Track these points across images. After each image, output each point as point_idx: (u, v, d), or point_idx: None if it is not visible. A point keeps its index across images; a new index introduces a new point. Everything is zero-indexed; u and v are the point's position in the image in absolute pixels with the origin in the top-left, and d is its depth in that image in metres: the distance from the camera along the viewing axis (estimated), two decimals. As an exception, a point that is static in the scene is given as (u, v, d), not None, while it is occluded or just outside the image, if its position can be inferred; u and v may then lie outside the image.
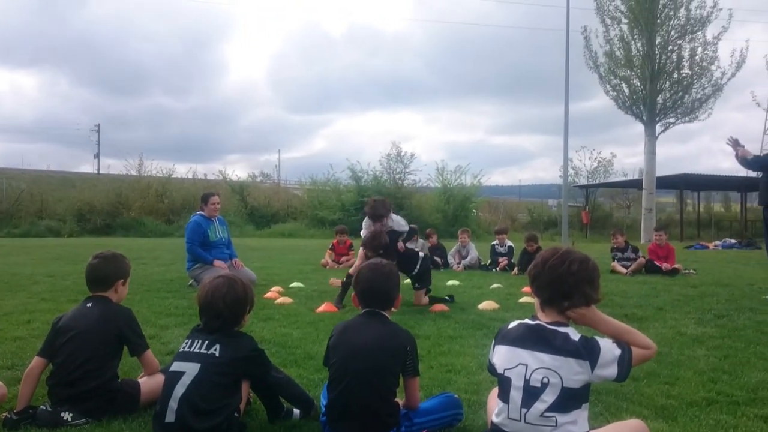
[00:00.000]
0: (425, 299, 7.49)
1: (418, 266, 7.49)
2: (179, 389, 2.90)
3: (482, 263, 12.81)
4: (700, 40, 27.07)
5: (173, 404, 2.88)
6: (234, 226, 30.29)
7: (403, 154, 34.60)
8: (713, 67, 27.07)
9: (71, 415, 3.20)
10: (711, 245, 23.93)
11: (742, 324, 6.16)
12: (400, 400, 3.14)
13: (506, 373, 2.56)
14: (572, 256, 2.61)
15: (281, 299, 7.57)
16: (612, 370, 2.51)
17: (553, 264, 2.60)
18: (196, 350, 3.02)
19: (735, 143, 8.09)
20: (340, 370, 3.01)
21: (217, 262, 9.00)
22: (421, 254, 7.82)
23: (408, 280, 9.56)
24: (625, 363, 2.54)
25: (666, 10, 26.96)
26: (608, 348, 2.54)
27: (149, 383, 3.46)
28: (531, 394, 2.47)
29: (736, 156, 8.07)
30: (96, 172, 53.78)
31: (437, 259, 12.79)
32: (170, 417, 2.88)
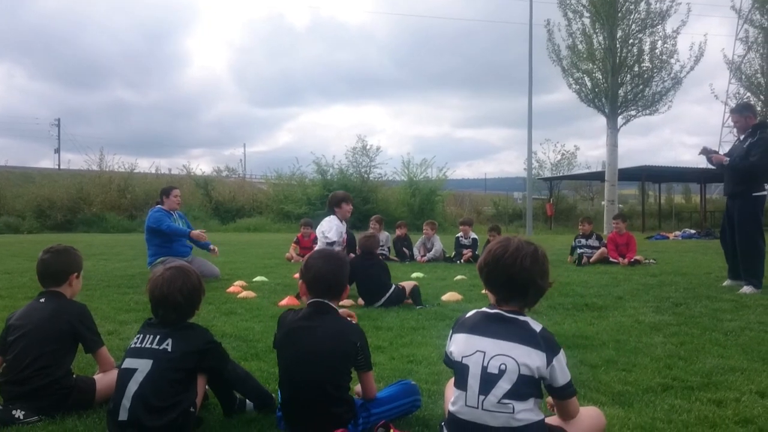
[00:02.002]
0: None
1: (384, 298, 6.80)
2: (132, 386, 2.85)
3: (447, 255, 12.88)
4: (660, 33, 27.45)
5: (126, 402, 2.83)
6: (198, 221, 30.03)
7: (368, 147, 34.70)
8: (673, 61, 27.49)
9: (23, 412, 3.13)
10: (671, 235, 24.36)
11: (698, 312, 6.28)
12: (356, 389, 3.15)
13: (464, 361, 2.54)
14: (523, 251, 2.58)
15: (244, 293, 7.51)
16: (564, 376, 2.53)
17: (506, 263, 2.57)
18: (148, 345, 2.96)
19: (707, 152, 8.22)
20: (288, 373, 2.97)
21: (194, 233, 9.23)
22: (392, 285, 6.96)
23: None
24: (572, 389, 2.58)
25: (627, 3, 27.25)
26: (565, 366, 2.55)
27: (104, 380, 3.39)
28: (488, 380, 2.46)
29: (711, 162, 8.17)
30: (57, 167, 52.76)
31: (405, 250, 12.89)
32: (123, 415, 2.82)
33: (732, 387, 3.69)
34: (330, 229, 7.96)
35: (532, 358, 2.46)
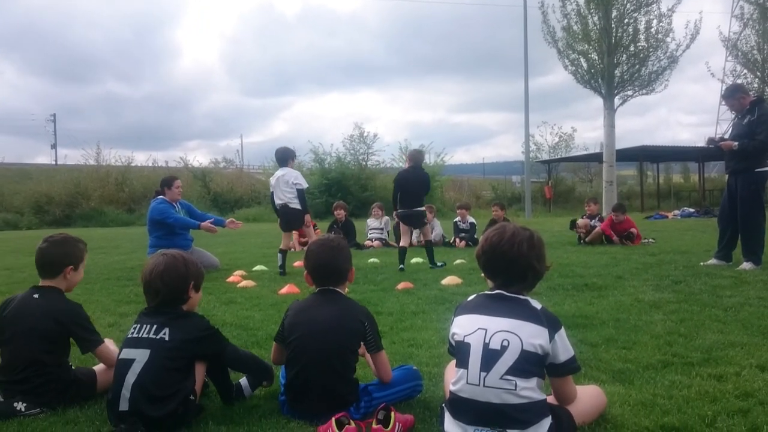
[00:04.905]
0: None
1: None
2: (130, 377, 2.83)
3: (446, 240, 12.88)
4: (655, 12, 27.18)
5: (126, 392, 2.81)
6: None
7: (365, 134, 34.61)
8: (668, 39, 27.21)
9: (25, 405, 3.12)
10: (670, 215, 24.38)
11: (698, 288, 6.29)
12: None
13: (466, 339, 2.54)
14: (519, 237, 2.60)
15: (244, 282, 7.52)
16: (567, 352, 2.53)
17: (503, 250, 2.60)
18: (145, 335, 2.95)
19: (714, 142, 8.20)
20: (298, 349, 3.00)
21: (204, 224, 9.11)
22: None
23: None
24: (576, 364, 2.60)
25: (621, -18, 27.06)
26: (567, 342, 2.56)
27: (105, 370, 3.38)
28: (490, 357, 2.45)
29: (722, 149, 8.13)
30: (54, 162, 52.65)
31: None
32: (123, 405, 2.81)
33: (732, 362, 3.69)
34: (299, 176, 8.76)
35: (534, 335, 2.47)
